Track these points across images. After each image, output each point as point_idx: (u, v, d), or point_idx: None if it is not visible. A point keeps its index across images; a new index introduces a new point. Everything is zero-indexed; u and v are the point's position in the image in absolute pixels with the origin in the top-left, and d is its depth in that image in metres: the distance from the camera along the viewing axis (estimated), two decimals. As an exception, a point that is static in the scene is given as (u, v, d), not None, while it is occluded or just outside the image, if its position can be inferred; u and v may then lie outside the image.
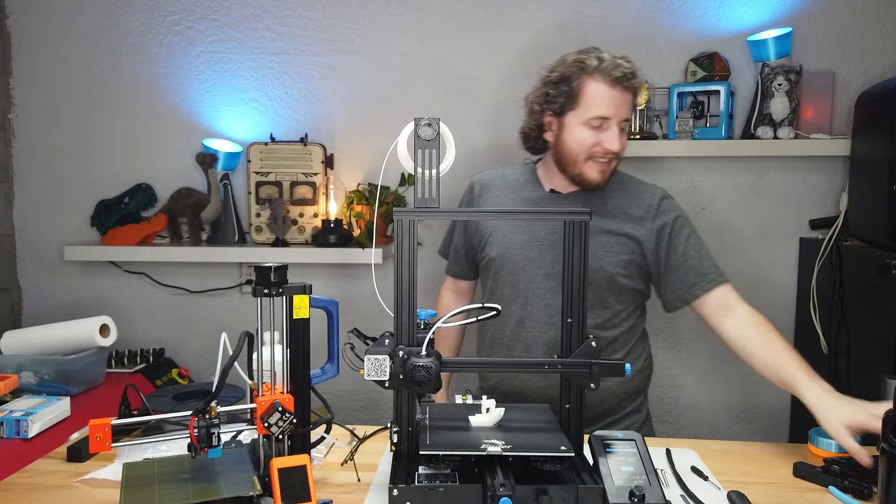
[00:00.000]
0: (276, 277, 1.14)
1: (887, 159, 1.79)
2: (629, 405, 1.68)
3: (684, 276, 1.59)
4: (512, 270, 1.63)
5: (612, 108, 1.53)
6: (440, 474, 1.10)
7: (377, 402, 2.39)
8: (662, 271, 1.61)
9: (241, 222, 2.33)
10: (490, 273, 1.68)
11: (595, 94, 1.53)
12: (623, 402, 1.66)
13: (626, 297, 1.63)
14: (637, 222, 1.60)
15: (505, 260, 1.64)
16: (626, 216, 1.61)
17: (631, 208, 1.62)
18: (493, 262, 1.66)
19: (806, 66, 2.11)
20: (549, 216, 1.59)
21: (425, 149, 1.19)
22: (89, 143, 2.39)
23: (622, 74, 1.52)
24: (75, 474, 1.27)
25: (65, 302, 2.43)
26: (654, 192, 1.65)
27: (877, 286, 1.78)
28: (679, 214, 1.63)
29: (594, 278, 1.56)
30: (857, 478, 1.20)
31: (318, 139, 2.28)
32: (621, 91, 1.53)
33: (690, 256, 1.59)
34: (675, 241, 1.60)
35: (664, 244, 1.60)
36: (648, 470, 1.13)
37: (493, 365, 1.65)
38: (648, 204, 1.62)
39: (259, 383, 1.17)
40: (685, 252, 1.60)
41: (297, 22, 2.31)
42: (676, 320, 2.21)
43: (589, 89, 1.53)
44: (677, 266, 1.60)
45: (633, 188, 1.66)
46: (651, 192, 1.65)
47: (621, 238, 1.59)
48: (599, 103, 1.52)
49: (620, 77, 1.52)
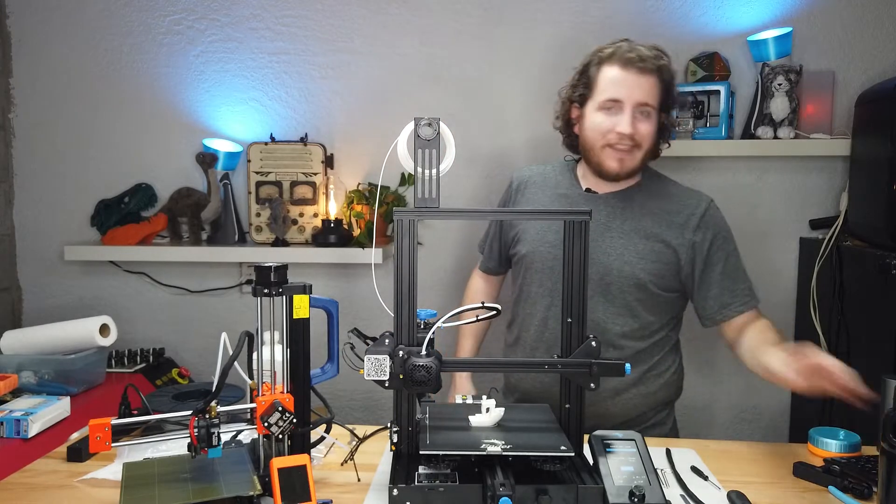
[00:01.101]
0: (276, 277, 1.14)
1: (887, 159, 1.79)
2: (653, 417, 1.63)
3: (719, 294, 1.56)
4: (541, 269, 1.60)
5: (624, 91, 1.50)
6: (440, 474, 1.10)
7: (377, 402, 2.39)
8: (696, 287, 1.57)
9: (241, 222, 2.32)
10: (521, 270, 1.67)
11: (607, 78, 1.53)
12: (646, 414, 1.62)
13: (658, 308, 1.59)
14: (677, 229, 1.56)
15: (535, 258, 1.62)
16: (666, 222, 1.56)
17: (672, 214, 1.57)
18: (524, 260, 1.64)
19: (806, 65, 2.10)
20: (549, 216, 1.59)
21: (425, 149, 1.19)
22: (89, 143, 2.39)
23: (636, 56, 1.50)
24: (75, 474, 1.27)
25: (65, 302, 2.43)
26: (700, 200, 1.60)
27: (877, 286, 1.78)
28: (721, 230, 1.58)
29: (624, 285, 1.54)
30: (857, 478, 1.21)
31: (318, 139, 2.28)
32: (635, 74, 1.50)
33: (727, 276, 1.55)
34: (713, 257, 1.56)
35: (701, 259, 1.56)
36: (648, 470, 1.13)
37: (495, 364, 1.65)
38: (691, 212, 1.57)
39: (259, 383, 1.17)
40: (723, 270, 1.56)
41: (297, 22, 2.30)
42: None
43: (603, 74, 1.53)
44: (711, 284, 1.56)
45: (676, 192, 1.62)
46: (696, 198, 1.60)
47: (658, 245, 1.55)
48: (610, 86, 1.52)
49: (633, 59, 1.49)
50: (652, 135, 1.55)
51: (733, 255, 1.58)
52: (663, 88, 1.54)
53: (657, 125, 1.56)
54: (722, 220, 1.60)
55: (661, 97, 1.54)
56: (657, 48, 1.55)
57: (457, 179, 2.18)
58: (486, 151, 2.28)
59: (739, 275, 1.58)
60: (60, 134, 2.40)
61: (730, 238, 1.60)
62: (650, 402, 1.61)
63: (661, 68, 1.53)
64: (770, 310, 2.24)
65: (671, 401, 1.69)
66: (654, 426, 1.63)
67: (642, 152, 1.55)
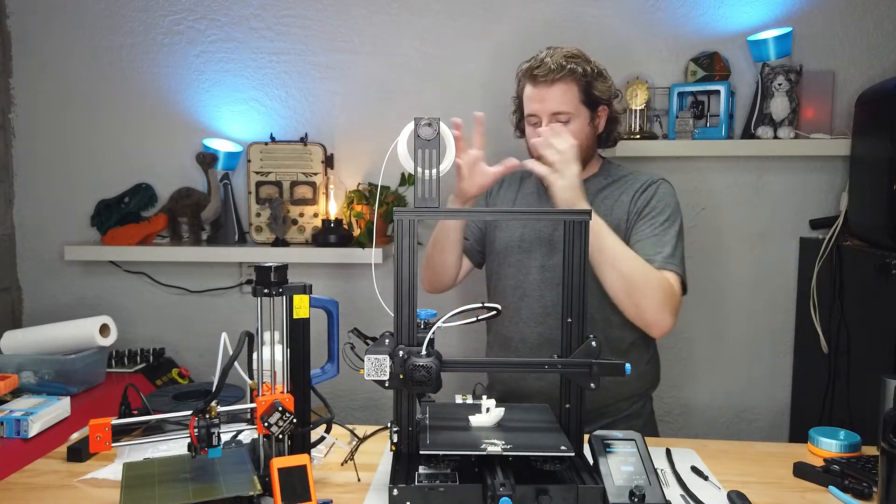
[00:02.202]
0: (276, 277, 1.14)
1: (887, 159, 1.79)
2: (626, 408, 1.64)
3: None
4: (513, 263, 1.65)
5: (536, 105, 1.57)
6: (440, 474, 1.10)
7: (377, 402, 2.39)
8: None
9: (241, 222, 2.32)
10: (493, 265, 1.71)
11: (525, 95, 1.61)
12: (619, 405, 1.63)
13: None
14: (624, 206, 1.59)
15: (508, 252, 1.66)
16: (618, 202, 1.60)
17: (623, 194, 1.61)
18: (496, 251, 1.69)
19: (806, 65, 2.11)
20: (549, 216, 1.59)
21: (425, 149, 1.19)
22: (89, 143, 2.39)
23: (540, 70, 1.54)
24: (75, 474, 1.27)
25: (65, 302, 2.43)
26: (650, 177, 1.63)
27: (877, 286, 1.78)
28: (660, 201, 1.57)
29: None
30: (858, 478, 1.21)
31: (318, 139, 2.28)
32: (543, 86, 1.55)
33: (645, 238, 1.54)
34: (640, 222, 1.56)
35: (632, 221, 1.57)
36: (648, 470, 1.13)
37: (495, 365, 1.65)
38: (637, 187, 1.61)
39: (259, 383, 1.17)
40: (642, 234, 1.55)
41: (297, 22, 2.30)
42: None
43: (524, 92, 1.61)
44: (631, 245, 1.54)
45: (630, 176, 1.65)
46: (646, 177, 1.63)
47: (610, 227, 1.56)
48: (527, 102, 1.60)
49: (538, 73, 1.54)
50: (579, 134, 1.56)
51: (662, 225, 1.55)
52: (581, 89, 1.56)
53: (589, 122, 1.60)
54: (665, 195, 1.59)
55: (582, 97, 1.57)
56: (570, 52, 1.57)
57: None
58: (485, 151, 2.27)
59: (657, 242, 1.52)
60: (60, 134, 2.40)
61: (665, 210, 1.57)
62: (623, 392, 1.62)
63: (572, 72, 1.54)
64: (770, 310, 2.27)
65: (643, 393, 1.69)
66: (629, 417, 1.64)
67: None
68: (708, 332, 2.28)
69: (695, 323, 2.25)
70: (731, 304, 2.26)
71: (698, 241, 2.23)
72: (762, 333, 2.26)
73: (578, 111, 1.58)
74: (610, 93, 1.64)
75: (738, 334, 2.27)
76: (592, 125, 1.62)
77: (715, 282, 2.24)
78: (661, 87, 2.19)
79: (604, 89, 1.61)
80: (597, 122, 1.63)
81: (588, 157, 1.63)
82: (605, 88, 1.61)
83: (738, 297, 2.26)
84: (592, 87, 1.58)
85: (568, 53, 1.57)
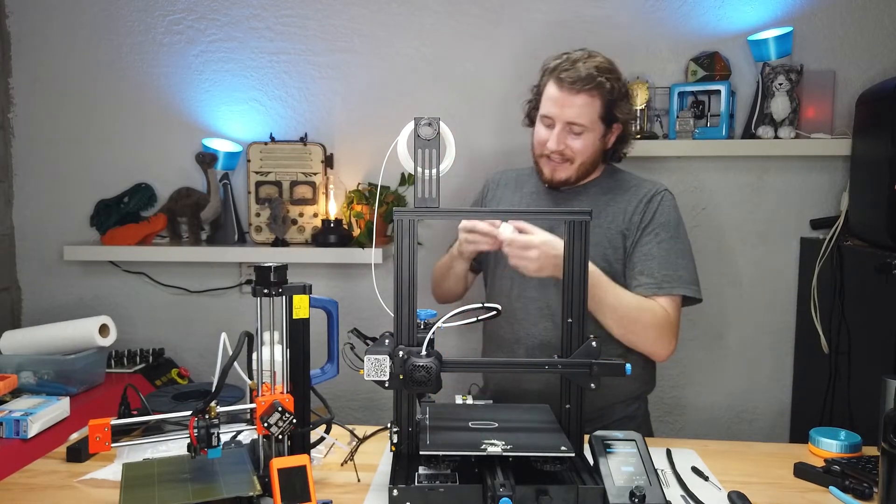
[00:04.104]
0: (275, 277, 1.14)
1: (888, 159, 1.79)
2: (621, 411, 1.63)
3: (633, 273, 1.55)
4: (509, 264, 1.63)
5: (556, 109, 1.55)
6: (440, 474, 1.10)
7: (377, 402, 2.39)
8: (627, 262, 1.57)
9: (240, 222, 2.32)
10: (490, 266, 1.71)
11: (546, 94, 1.59)
12: (614, 408, 1.62)
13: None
14: (626, 215, 1.58)
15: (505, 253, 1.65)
16: (620, 210, 1.59)
17: (624, 202, 1.60)
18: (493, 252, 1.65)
19: (806, 65, 2.10)
20: (549, 216, 1.59)
21: (425, 148, 1.19)
22: (89, 142, 2.39)
23: (570, 77, 1.52)
24: (75, 474, 1.27)
25: (65, 302, 2.43)
26: (653, 187, 1.62)
27: (877, 286, 1.78)
28: (663, 216, 1.57)
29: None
30: (858, 478, 1.20)
31: (318, 139, 2.28)
32: (568, 93, 1.53)
33: (650, 257, 1.55)
34: (644, 238, 1.56)
35: (636, 237, 1.57)
36: (649, 470, 1.13)
37: (495, 365, 1.65)
38: (640, 198, 1.60)
39: (259, 383, 1.17)
40: (648, 252, 1.55)
41: (297, 22, 2.30)
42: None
43: (546, 89, 1.59)
44: (635, 262, 1.55)
45: (633, 183, 1.64)
46: (649, 186, 1.62)
47: (610, 233, 1.57)
48: (547, 102, 1.58)
49: (567, 79, 1.52)
50: (587, 149, 1.57)
51: (667, 242, 1.55)
52: (603, 105, 1.55)
53: (601, 137, 1.59)
54: (669, 209, 1.59)
55: (602, 113, 1.56)
56: (603, 65, 1.55)
57: (457, 179, 2.18)
58: (486, 151, 2.28)
59: (664, 262, 1.54)
60: (60, 134, 2.40)
61: (669, 226, 1.57)
62: (618, 395, 1.61)
63: (600, 86, 1.53)
64: (770, 310, 2.26)
65: (642, 394, 1.69)
66: (624, 420, 1.62)
67: (576, 165, 1.59)
68: (708, 333, 2.28)
69: (695, 323, 2.25)
70: (732, 304, 2.26)
71: (698, 241, 2.22)
72: (762, 333, 2.26)
73: (594, 126, 1.56)
74: (630, 115, 1.63)
75: (739, 334, 2.27)
76: (603, 140, 1.61)
77: (715, 282, 2.24)
78: (661, 87, 2.19)
79: (626, 111, 1.60)
80: (608, 139, 1.62)
81: (590, 170, 1.63)
82: (627, 110, 1.60)
83: (738, 297, 2.26)
84: (615, 107, 1.57)
85: (601, 66, 1.54)
